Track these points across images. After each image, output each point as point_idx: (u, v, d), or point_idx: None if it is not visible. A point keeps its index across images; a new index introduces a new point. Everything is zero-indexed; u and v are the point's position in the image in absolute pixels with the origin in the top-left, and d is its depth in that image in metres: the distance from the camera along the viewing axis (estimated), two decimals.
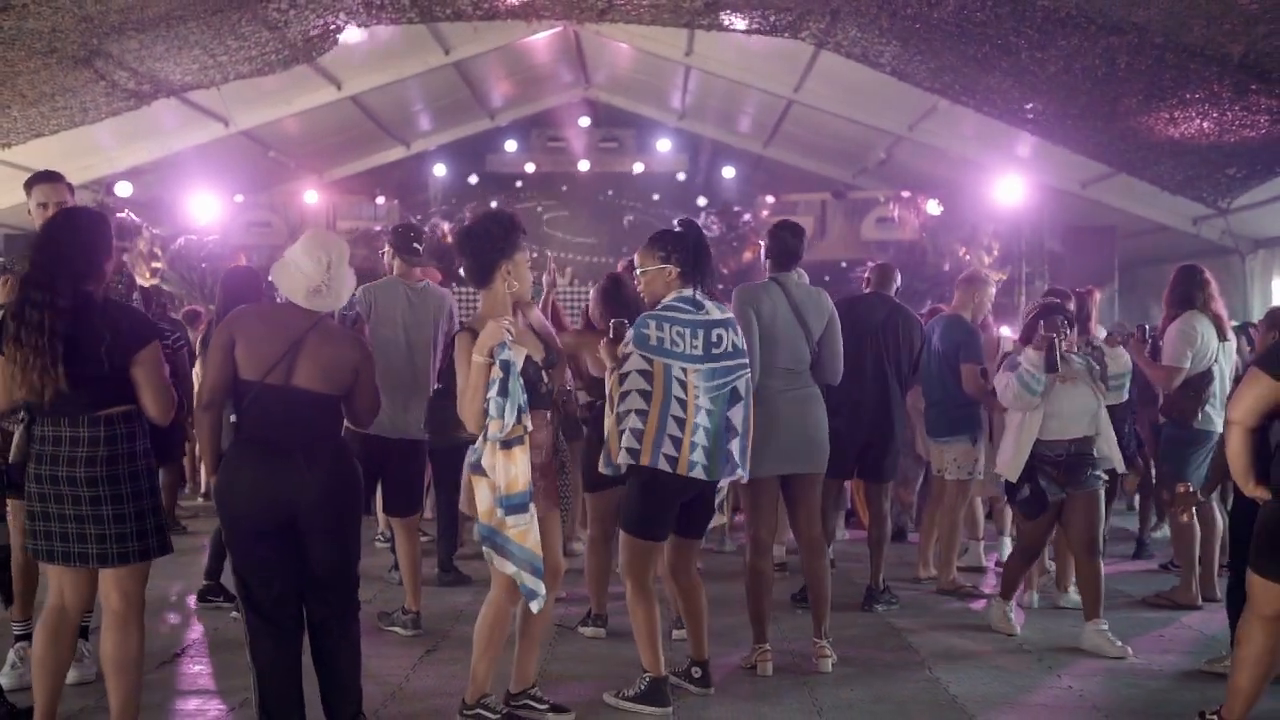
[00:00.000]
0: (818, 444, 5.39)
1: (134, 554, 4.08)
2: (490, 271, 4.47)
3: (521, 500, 4.27)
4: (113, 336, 4.00)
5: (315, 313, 4.22)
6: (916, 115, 12.22)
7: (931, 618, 6.45)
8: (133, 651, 4.10)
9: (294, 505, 4.12)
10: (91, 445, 4.00)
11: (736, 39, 11.31)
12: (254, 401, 4.12)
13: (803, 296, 5.45)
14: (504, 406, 4.22)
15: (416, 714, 4.80)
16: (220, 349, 4.14)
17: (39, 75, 9.79)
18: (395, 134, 14.52)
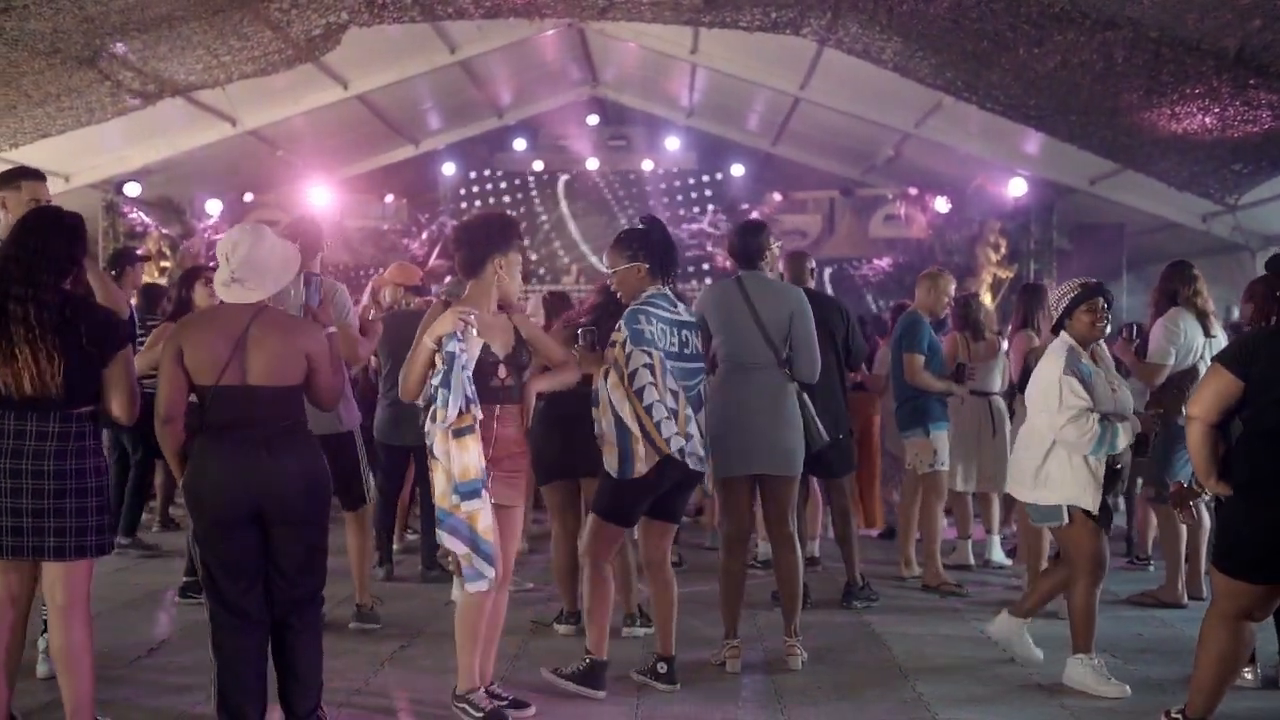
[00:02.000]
0: (785, 445, 5.32)
1: (91, 548, 4.13)
2: (483, 262, 4.58)
3: (474, 487, 4.33)
4: (90, 336, 4.05)
5: (253, 306, 4.19)
6: (922, 113, 12.16)
7: (909, 615, 6.43)
8: (80, 647, 4.12)
9: (262, 497, 4.13)
10: (61, 440, 4.04)
11: (741, 37, 11.29)
12: (214, 403, 4.13)
13: (760, 293, 5.39)
14: (447, 397, 4.28)
15: (377, 709, 4.82)
16: (170, 361, 4.11)
17: (43, 76, 9.89)
18: (404, 133, 14.57)
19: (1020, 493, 5.28)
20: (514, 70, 13.94)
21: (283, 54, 10.96)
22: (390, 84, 12.65)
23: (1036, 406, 5.14)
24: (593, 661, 4.93)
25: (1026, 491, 5.19)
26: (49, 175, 12.32)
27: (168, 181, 13.19)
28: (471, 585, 4.38)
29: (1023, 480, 5.20)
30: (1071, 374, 4.94)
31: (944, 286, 7.13)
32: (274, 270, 4.27)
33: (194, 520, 4.29)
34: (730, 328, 5.35)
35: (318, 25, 10.69)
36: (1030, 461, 5.13)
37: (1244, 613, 4.37)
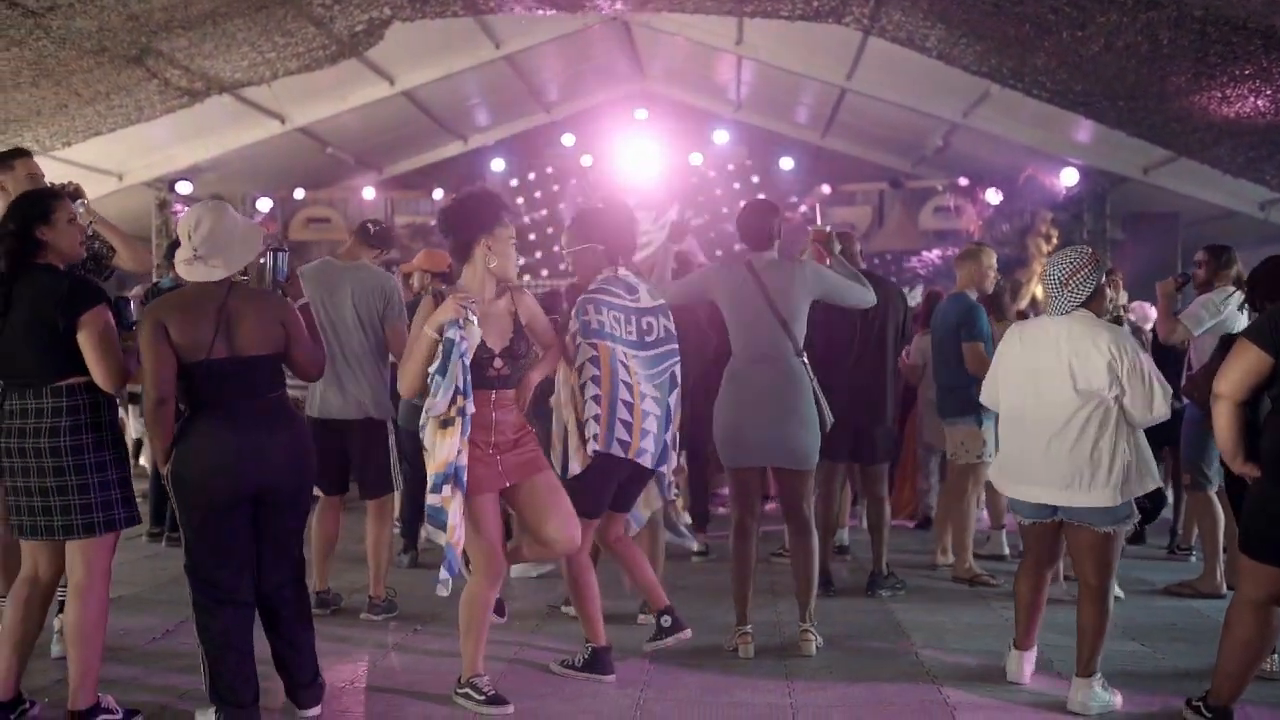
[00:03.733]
0: (796, 441, 5.17)
1: (100, 525, 4.15)
2: (469, 247, 4.49)
3: (439, 480, 4.32)
4: (57, 303, 4.07)
5: (223, 282, 4.18)
6: (970, 102, 11.98)
7: (934, 604, 6.30)
8: (93, 623, 4.17)
9: (253, 474, 4.15)
10: (54, 415, 4.08)
11: (785, 27, 11.19)
12: (205, 378, 4.14)
13: (775, 279, 5.23)
14: (440, 385, 4.26)
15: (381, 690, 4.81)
16: (155, 340, 4.08)
17: (92, 74, 10.08)
18: (452, 129, 14.64)
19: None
20: (561, 65, 13.96)
21: (327, 50, 11.08)
22: (436, 80, 12.73)
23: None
24: (594, 649, 4.92)
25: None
26: (102, 174, 12.70)
27: (219, 179, 13.39)
28: (439, 589, 4.38)
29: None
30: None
31: (986, 261, 6.92)
32: (235, 247, 4.24)
33: (181, 501, 4.20)
34: (742, 316, 5.23)
35: (360, 20, 10.78)
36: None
37: (1271, 598, 4.24)
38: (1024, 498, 4.68)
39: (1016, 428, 4.70)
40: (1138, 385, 4.46)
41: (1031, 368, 4.63)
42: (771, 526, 7.20)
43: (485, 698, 4.48)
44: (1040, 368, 4.59)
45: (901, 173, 14.55)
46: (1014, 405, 4.71)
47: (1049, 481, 4.54)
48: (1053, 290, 4.62)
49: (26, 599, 4.22)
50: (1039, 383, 4.59)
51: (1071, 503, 4.53)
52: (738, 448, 5.23)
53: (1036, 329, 4.72)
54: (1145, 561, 7.41)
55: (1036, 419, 4.58)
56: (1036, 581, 4.84)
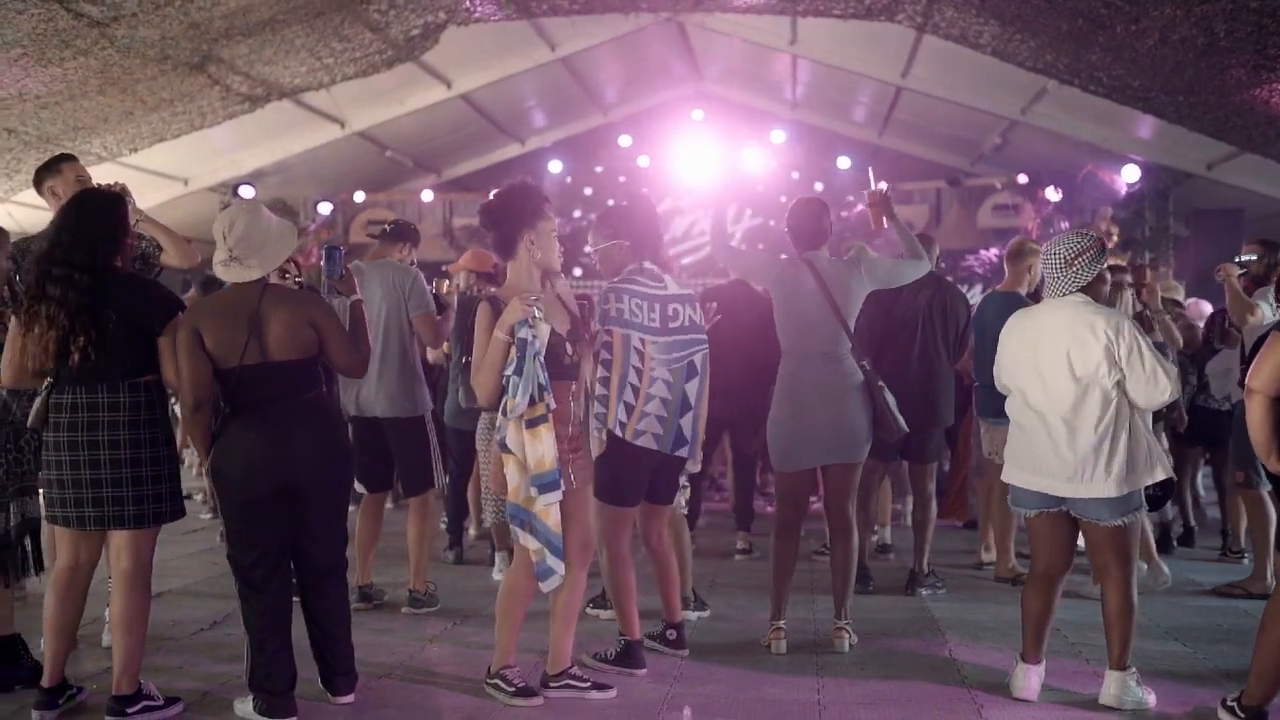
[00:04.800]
0: (853, 435, 5.19)
1: (149, 517, 4.29)
2: (514, 242, 4.50)
3: (553, 478, 4.32)
4: (138, 308, 4.23)
5: (257, 285, 4.30)
6: (1027, 98, 11.87)
7: (973, 603, 6.25)
8: (137, 612, 4.32)
9: (290, 471, 4.27)
10: (123, 410, 4.23)
11: (839, 26, 11.18)
12: (240, 383, 4.26)
13: (833, 277, 5.22)
14: (518, 385, 4.27)
15: (417, 681, 4.89)
16: (191, 347, 4.22)
17: (156, 82, 10.34)
18: (509, 131, 14.80)
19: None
20: (617, 67, 14.06)
21: (383, 54, 11.27)
22: (493, 82, 12.90)
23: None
24: (627, 642, 4.95)
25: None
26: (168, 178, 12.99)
27: (281, 183, 13.66)
28: (545, 583, 4.40)
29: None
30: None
31: (1033, 261, 6.85)
32: (270, 247, 4.35)
33: (221, 498, 4.38)
34: (803, 314, 5.21)
35: (416, 25, 10.95)
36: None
37: None
38: (1031, 487, 4.56)
39: (1021, 417, 4.61)
40: (1138, 368, 4.38)
41: (1032, 356, 4.54)
42: (814, 525, 7.18)
43: (515, 689, 4.54)
44: (1041, 356, 4.51)
45: (960, 171, 14.44)
46: (1018, 394, 4.63)
47: (1054, 473, 4.44)
48: (1055, 271, 4.52)
49: (67, 587, 4.36)
50: (1041, 371, 4.50)
51: (1077, 494, 4.42)
52: (796, 451, 5.21)
53: (1035, 316, 4.65)
54: (1196, 564, 7.29)
55: (1040, 408, 4.50)
56: (1046, 593, 4.65)
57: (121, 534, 4.30)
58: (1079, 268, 4.50)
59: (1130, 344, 4.39)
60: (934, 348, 6.38)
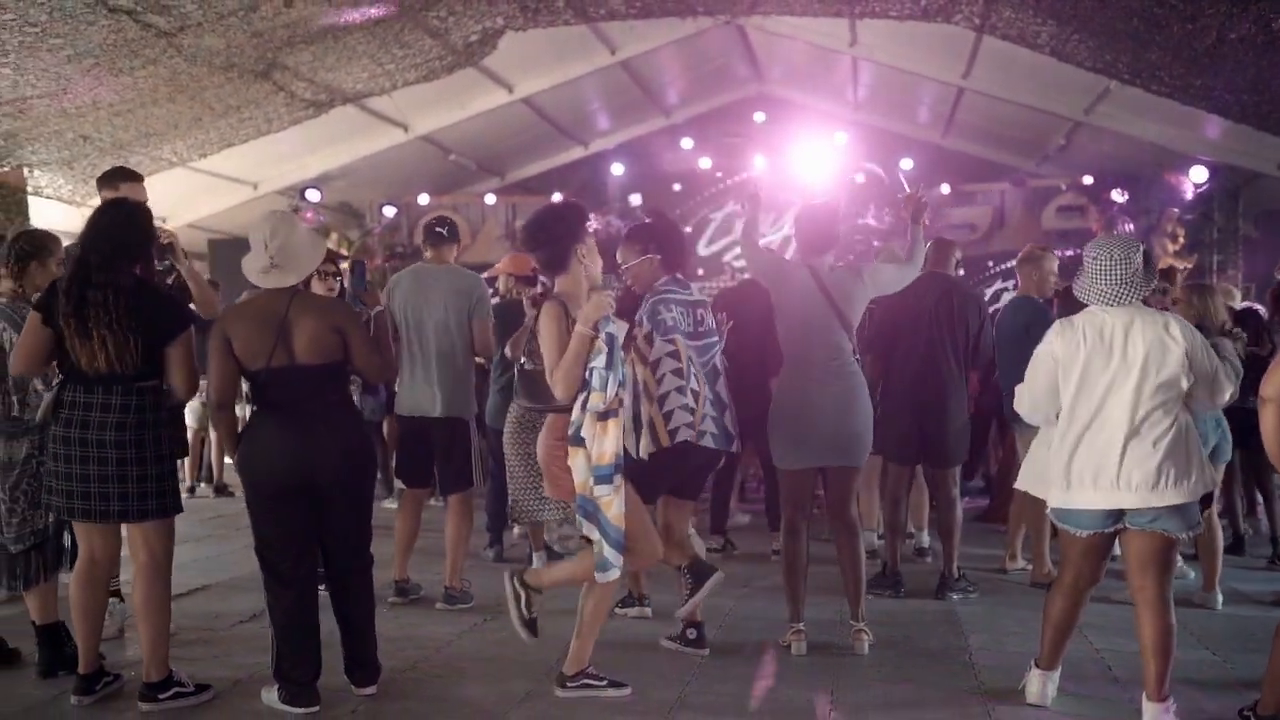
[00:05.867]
0: (854, 438, 5.25)
1: (152, 511, 4.49)
2: (567, 256, 4.62)
3: (608, 472, 4.43)
4: (149, 317, 4.41)
5: (288, 291, 4.48)
6: (1091, 98, 11.72)
7: (1002, 608, 6.22)
8: (159, 598, 4.51)
9: (314, 468, 4.44)
10: (123, 412, 4.41)
11: (898, 27, 11.15)
12: (266, 384, 4.46)
13: (835, 281, 5.28)
14: (608, 379, 4.40)
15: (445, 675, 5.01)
16: (219, 351, 4.44)
17: (223, 89, 10.65)
18: (572, 134, 14.95)
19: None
20: (678, 70, 14.12)
21: (443, 60, 11.47)
22: (554, 86, 13.04)
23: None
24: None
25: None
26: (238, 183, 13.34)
27: (347, 187, 13.95)
28: (601, 575, 4.49)
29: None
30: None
31: (1047, 266, 6.83)
32: (305, 256, 4.56)
33: (247, 493, 4.57)
34: (805, 319, 5.28)
35: (474, 31, 11.13)
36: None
37: None
38: (1094, 506, 4.31)
39: (1081, 432, 4.33)
40: (1206, 370, 4.25)
41: (1098, 366, 4.29)
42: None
43: (608, 681, 4.65)
44: (1112, 365, 4.27)
45: (1024, 172, 14.27)
46: (1078, 408, 4.35)
47: (1131, 485, 4.21)
48: (1127, 278, 4.26)
49: (88, 578, 4.57)
50: (1111, 380, 4.26)
51: (1161, 503, 4.21)
52: (797, 450, 5.30)
53: (1094, 324, 4.33)
54: (1244, 571, 7.15)
55: (1110, 420, 4.25)
56: (1075, 601, 4.54)
57: (135, 529, 4.50)
58: (1149, 273, 4.33)
59: (1202, 346, 4.28)
60: (943, 350, 6.34)
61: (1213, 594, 6.25)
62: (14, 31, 8.50)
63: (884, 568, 6.48)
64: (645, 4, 11.25)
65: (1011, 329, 6.70)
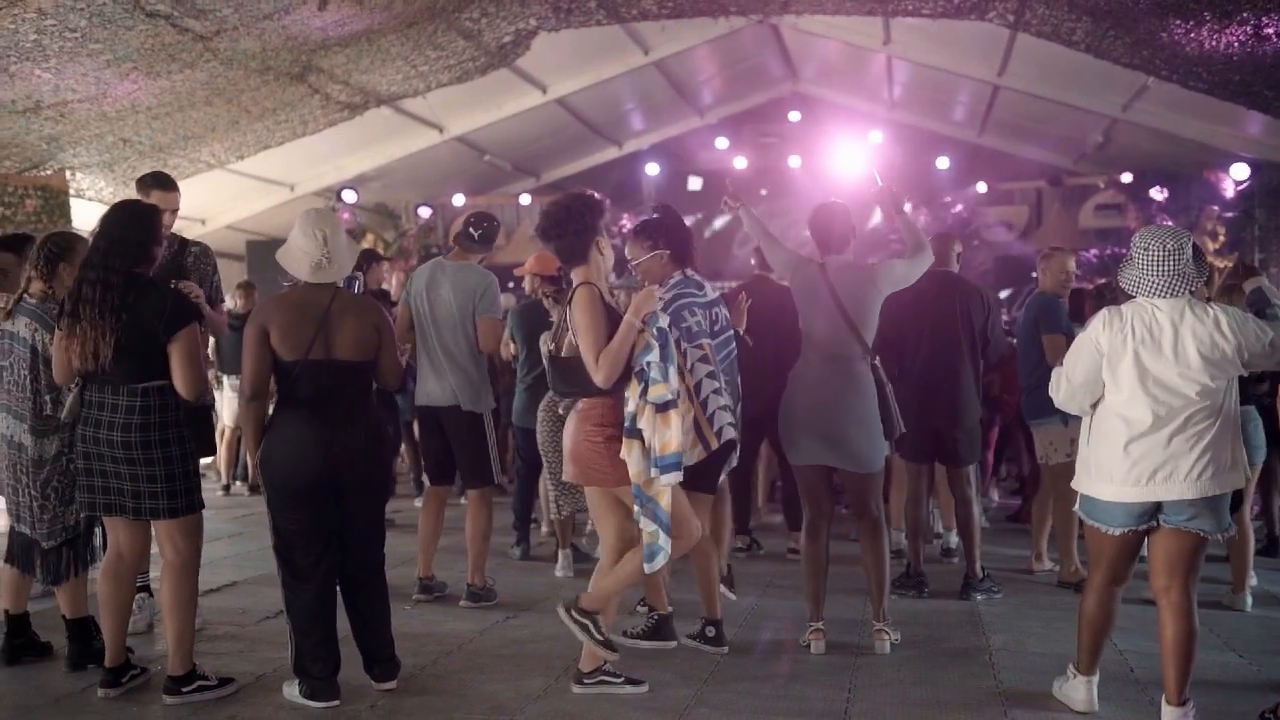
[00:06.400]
0: (856, 444, 5.19)
1: (164, 510, 4.54)
2: (588, 247, 4.63)
3: (676, 460, 4.48)
4: (149, 315, 4.45)
5: (330, 287, 4.56)
6: (1128, 95, 11.60)
7: (1027, 608, 6.18)
8: (184, 595, 4.58)
9: (338, 465, 4.49)
10: (128, 413, 4.47)
11: (932, 24, 11.10)
12: (300, 377, 4.50)
13: (844, 280, 5.27)
14: (666, 370, 4.47)
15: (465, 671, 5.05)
16: (255, 342, 4.49)
17: (259, 92, 10.77)
18: (606, 135, 14.99)
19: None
20: (713, 70, 14.13)
21: (476, 61, 11.54)
22: (588, 87, 13.08)
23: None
24: (659, 617, 5.20)
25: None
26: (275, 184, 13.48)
27: (383, 188, 14.08)
28: (650, 565, 4.52)
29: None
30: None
31: (1064, 264, 6.76)
32: (348, 254, 4.71)
33: (268, 489, 4.61)
34: (813, 317, 5.30)
35: (507, 32, 11.19)
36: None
37: None
38: (1133, 500, 4.18)
39: (1122, 427, 4.18)
40: (1262, 350, 4.12)
41: (1144, 361, 4.15)
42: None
43: (625, 678, 4.69)
44: (1159, 360, 4.12)
45: (1062, 170, 14.15)
46: (1120, 402, 4.20)
47: (1170, 479, 4.09)
48: (1179, 270, 4.10)
49: (115, 573, 4.64)
50: (1158, 376, 4.12)
51: (1198, 494, 4.09)
52: (798, 444, 5.31)
53: (1144, 317, 4.17)
54: (1275, 574, 7.06)
55: (1154, 416, 4.11)
56: (1109, 601, 4.45)
57: (161, 526, 4.57)
58: (1198, 266, 4.18)
59: (1252, 331, 4.15)
60: (949, 347, 6.30)
61: (1241, 595, 6.18)
62: (54, 36, 8.64)
63: (907, 568, 6.45)
64: (677, 4, 11.27)
65: (1024, 326, 6.72)
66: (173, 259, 5.58)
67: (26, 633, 5.11)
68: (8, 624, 5.08)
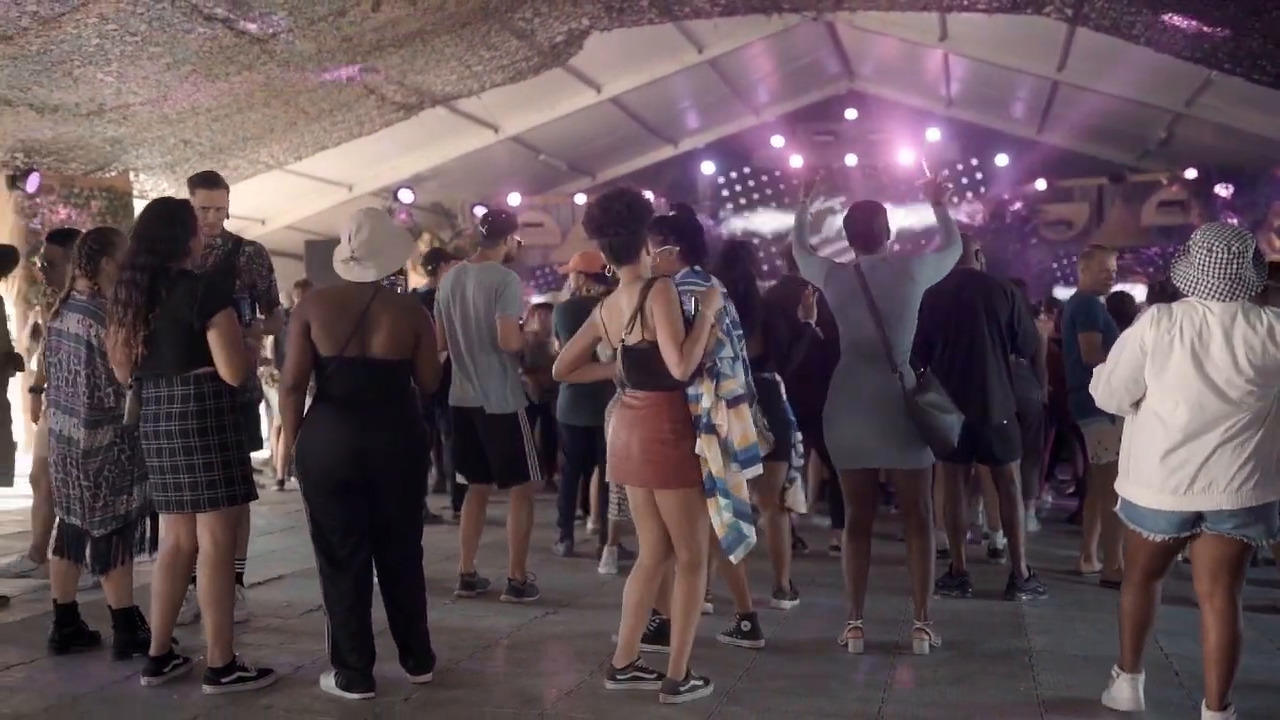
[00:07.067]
0: (902, 440, 5.14)
1: (223, 499, 4.62)
2: (641, 244, 4.61)
3: (755, 453, 4.53)
4: (183, 305, 4.52)
5: (372, 285, 4.58)
6: (1191, 90, 11.39)
7: (1073, 608, 6.07)
8: (222, 588, 4.64)
9: (367, 459, 4.53)
10: (183, 401, 4.55)
11: (989, 20, 10.98)
12: (335, 373, 4.56)
13: (878, 282, 5.22)
14: (737, 367, 4.60)
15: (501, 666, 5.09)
16: (297, 335, 4.57)
17: (316, 93, 10.95)
18: (661, 133, 15.00)
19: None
20: (768, 68, 14.09)
21: (529, 61, 11.62)
22: (642, 86, 13.11)
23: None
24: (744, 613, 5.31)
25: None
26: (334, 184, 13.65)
27: (439, 187, 14.21)
28: (734, 556, 4.55)
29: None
30: None
31: (1104, 263, 6.65)
32: (389, 253, 4.66)
33: (304, 483, 4.68)
34: (848, 319, 5.27)
35: (560, 32, 11.26)
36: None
37: None
38: (1173, 509, 4.06)
39: (1164, 431, 4.05)
40: None
41: (1192, 364, 3.99)
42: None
43: (658, 674, 4.61)
44: (1206, 365, 3.97)
45: (1124, 166, 13.92)
46: (1164, 406, 4.06)
47: (1212, 488, 3.96)
48: (1238, 274, 3.92)
49: (170, 567, 4.72)
50: (1204, 381, 3.96)
51: (1239, 505, 3.96)
52: (849, 451, 5.26)
53: (1194, 319, 4.01)
54: None
55: (1198, 422, 3.97)
56: (1148, 595, 4.34)
57: (201, 518, 4.64)
58: (1259, 271, 3.99)
59: None
60: (974, 344, 6.18)
61: None
62: (116, 41, 8.85)
63: (950, 568, 6.38)
64: (730, 1, 11.26)
65: (1065, 325, 6.66)
66: (226, 258, 5.67)
67: (75, 622, 5.21)
68: (57, 613, 5.18)
